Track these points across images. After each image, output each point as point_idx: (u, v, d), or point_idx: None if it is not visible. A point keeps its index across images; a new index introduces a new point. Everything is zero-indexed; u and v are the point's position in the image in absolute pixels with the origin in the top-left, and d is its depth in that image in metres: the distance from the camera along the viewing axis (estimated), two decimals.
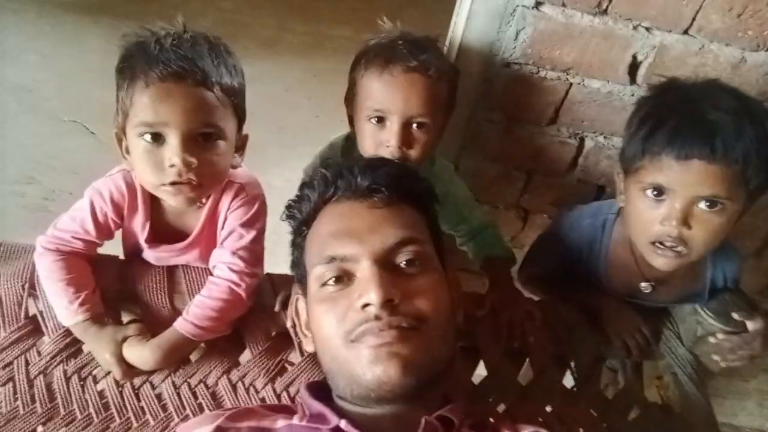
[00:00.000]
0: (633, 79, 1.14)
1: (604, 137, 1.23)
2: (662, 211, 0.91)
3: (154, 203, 0.96)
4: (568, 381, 1.07)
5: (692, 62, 1.10)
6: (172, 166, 0.83)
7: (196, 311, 0.91)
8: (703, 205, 0.89)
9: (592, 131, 1.22)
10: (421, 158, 1.04)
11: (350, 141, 1.17)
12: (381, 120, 1.01)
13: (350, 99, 1.09)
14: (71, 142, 2.45)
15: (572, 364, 1.07)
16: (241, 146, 0.96)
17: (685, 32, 1.07)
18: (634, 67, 1.13)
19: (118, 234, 1.00)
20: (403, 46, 0.98)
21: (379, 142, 1.02)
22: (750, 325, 1.03)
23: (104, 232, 0.96)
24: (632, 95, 1.16)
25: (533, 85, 1.16)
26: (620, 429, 1.02)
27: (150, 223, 0.97)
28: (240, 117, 0.93)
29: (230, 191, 0.97)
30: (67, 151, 2.38)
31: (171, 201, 0.90)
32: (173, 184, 0.85)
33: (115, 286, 0.97)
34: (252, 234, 0.96)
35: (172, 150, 0.83)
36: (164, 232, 0.99)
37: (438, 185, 1.13)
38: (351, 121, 1.12)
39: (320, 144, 1.22)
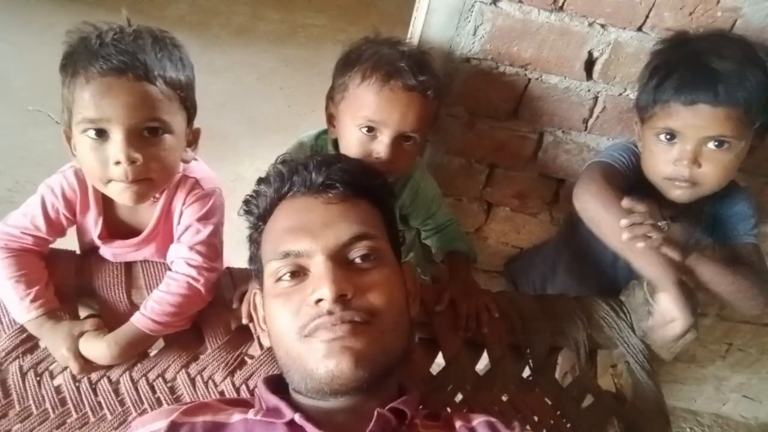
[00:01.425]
0: (589, 75, 1.17)
1: (563, 132, 1.25)
2: (674, 152, 1.00)
3: (106, 199, 0.95)
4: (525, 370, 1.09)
5: (647, 59, 1.12)
6: (117, 162, 0.83)
7: (154, 306, 0.91)
8: (711, 144, 0.97)
9: (550, 126, 1.24)
10: (406, 169, 1.07)
11: (321, 140, 1.18)
12: (372, 130, 1.01)
13: (335, 99, 1.08)
14: (39, 132, 2.41)
15: (528, 353, 1.10)
16: (193, 141, 0.96)
17: (639, 29, 1.10)
18: (590, 63, 1.15)
19: (73, 230, 1.00)
20: (406, 63, 0.98)
21: (368, 151, 1.02)
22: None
23: (56, 229, 0.95)
24: (589, 91, 1.18)
25: (493, 81, 1.18)
26: (574, 416, 1.05)
27: (103, 219, 0.96)
28: (189, 111, 0.92)
29: (185, 186, 0.97)
30: (35, 142, 2.35)
31: (119, 199, 0.89)
32: (120, 182, 0.85)
33: (72, 280, 0.96)
34: (209, 228, 0.96)
35: (116, 146, 0.82)
36: (118, 228, 0.98)
37: (410, 182, 1.16)
38: (330, 119, 1.12)
39: (293, 134, 1.21)
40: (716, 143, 0.97)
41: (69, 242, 1.01)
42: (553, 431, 1.01)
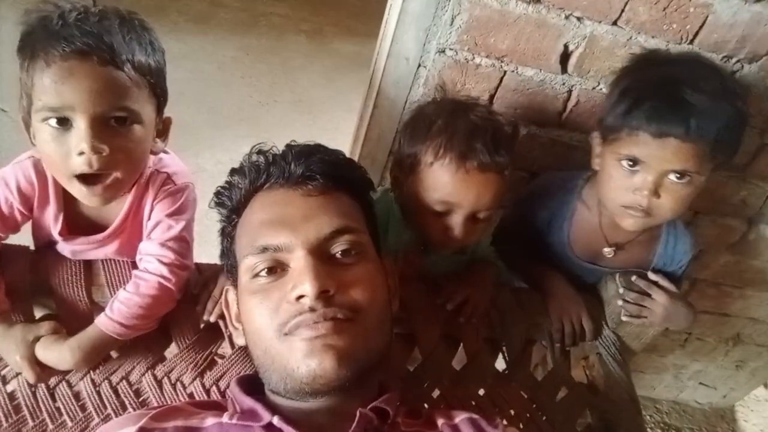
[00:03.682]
0: (564, 68, 1.16)
1: (537, 126, 1.25)
2: (635, 180, 0.98)
3: (66, 194, 0.88)
4: (500, 364, 1.09)
5: (620, 53, 1.13)
6: (81, 153, 0.76)
7: (122, 309, 0.85)
8: (673, 177, 0.96)
9: (525, 119, 1.23)
10: (477, 241, 1.05)
11: (384, 202, 1.11)
12: (445, 208, 0.97)
13: (403, 167, 1.03)
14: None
15: (503, 347, 1.09)
16: (163, 131, 0.90)
17: (615, 23, 1.10)
18: (565, 57, 1.15)
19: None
20: (482, 142, 0.93)
21: (442, 227, 0.99)
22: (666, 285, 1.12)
23: (9, 225, 0.88)
24: (563, 84, 1.18)
25: (468, 72, 1.16)
26: (550, 409, 1.06)
27: (64, 215, 0.89)
28: (160, 99, 0.86)
29: (156, 181, 0.91)
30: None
31: (85, 201, 0.83)
32: (86, 183, 0.79)
33: (26, 278, 0.89)
34: (181, 224, 0.91)
35: (80, 136, 0.76)
36: (79, 224, 0.92)
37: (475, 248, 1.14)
38: (396, 181, 1.07)
39: (255, 125, 1.17)
40: (678, 176, 0.96)
41: (21, 237, 0.94)
42: (529, 424, 1.02)
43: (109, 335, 0.84)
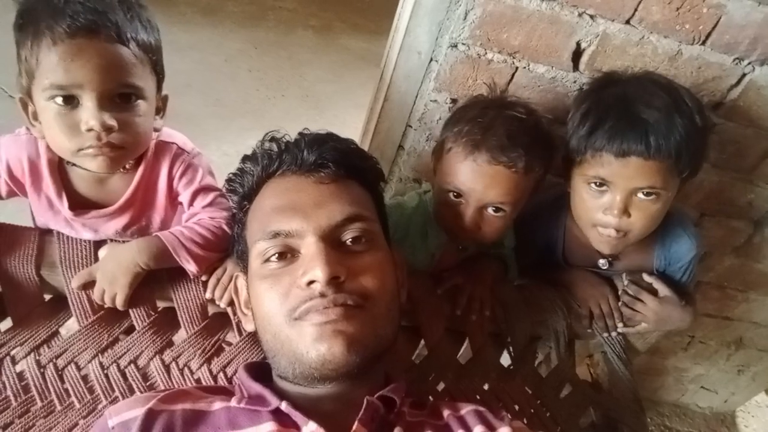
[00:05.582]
0: (576, 66, 1.16)
1: (546, 122, 1.24)
2: (604, 200, 1.00)
3: (63, 176, 0.89)
4: (505, 359, 1.09)
5: (632, 52, 1.13)
6: (89, 130, 0.77)
7: (183, 230, 0.88)
8: (641, 194, 0.97)
9: None
10: (494, 239, 1.04)
11: (423, 202, 1.15)
12: (458, 196, 0.99)
13: (436, 155, 1.07)
14: None
15: (509, 342, 1.10)
16: (161, 107, 0.91)
17: (627, 22, 1.10)
18: (577, 54, 1.15)
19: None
20: (497, 136, 0.94)
21: (455, 215, 1.00)
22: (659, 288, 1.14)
23: None
24: (574, 82, 1.18)
25: (479, 68, 1.16)
26: (554, 405, 1.06)
27: (66, 194, 0.90)
28: (159, 76, 0.88)
29: (167, 153, 0.93)
30: None
31: (90, 166, 0.84)
32: (92, 147, 0.80)
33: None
34: (214, 183, 0.96)
35: (89, 112, 0.77)
36: (81, 202, 0.92)
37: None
38: (434, 172, 1.10)
39: (261, 118, 1.18)
40: (646, 193, 0.97)
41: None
42: (533, 420, 1.02)
43: (165, 244, 0.86)
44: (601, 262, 1.16)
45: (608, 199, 0.99)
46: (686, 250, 1.15)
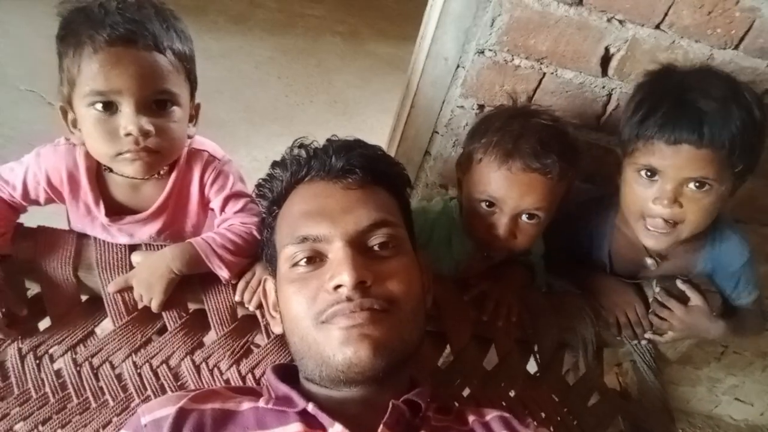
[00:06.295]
0: (605, 71, 1.16)
1: (574, 129, 1.23)
2: (654, 190, 0.98)
3: (101, 182, 0.93)
4: (532, 367, 1.08)
5: (663, 57, 1.11)
6: (128, 134, 0.81)
7: (215, 237, 0.90)
8: (692, 185, 0.95)
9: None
10: (527, 247, 1.05)
11: (447, 208, 1.17)
12: (492, 205, 1.00)
13: (462, 166, 1.07)
14: (29, 112, 2.35)
15: (535, 349, 1.09)
16: (194, 115, 0.94)
17: (657, 27, 1.09)
18: (606, 60, 1.14)
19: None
20: (530, 143, 0.95)
21: (488, 225, 1.00)
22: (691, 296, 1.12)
23: (31, 200, 0.93)
24: (603, 87, 1.17)
25: (506, 74, 1.16)
26: (580, 413, 1.05)
27: (103, 200, 0.93)
28: (192, 84, 0.91)
29: (199, 161, 0.96)
30: (24, 122, 2.29)
31: (127, 170, 0.87)
32: (129, 151, 0.83)
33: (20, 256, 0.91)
34: (245, 190, 0.98)
35: (127, 118, 0.80)
36: (117, 209, 0.96)
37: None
38: (459, 183, 1.11)
39: (290, 124, 1.20)
40: (697, 184, 0.95)
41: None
42: (560, 428, 1.01)
43: (197, 251, 0.89)
44: (649, 261, 1.14)
45: (658, 188, 0.97)
46: (737, 253, 1.13)
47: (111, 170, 0.92)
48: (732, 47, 1.10)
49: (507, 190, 0.96)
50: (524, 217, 0.99)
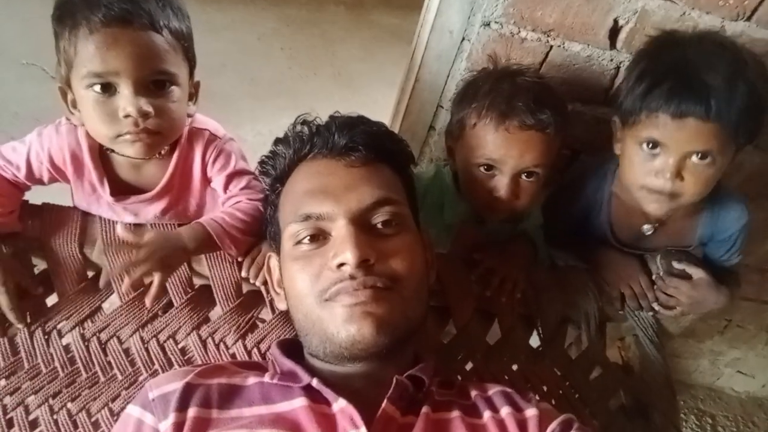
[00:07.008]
0: (613, 44, 1.13)
1: (581, 103, 1.22)
2: (657, 164, 0.97)
3: (105, 161, 0.93)
4: (534, 341, 1.09)
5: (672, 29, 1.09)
6: (127, 116, 0.81)
7: (224, 216, 0.90)
8: (695, 158, 0.95)
9: (570, 96, 1.20)
10: (529, 207, 1.05)
11: (440, 175, 1.16)
12: (490, 168, 0.99)
13: (453, 134, 1.07)
14: (33, 88, 2.34)
15: (538, 324, 1.10)
16: (194, 93, 0.93)
17: None
18: (614, 32, 1.12)
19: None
20: (523, 101, 0.95)
21: (488, 189, 1.00)
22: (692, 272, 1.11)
23: (35, 179, 0.93)
24: (611, 60, 1.15)
25: (513, 46, 1.14)
26: (582, 387, 1.06)
27: (107, 180, 0.93)
28: (191, 62, 0.90)
29: (200, 140, 0.95)
30: (29, 98, 2.28)
31: (128, 152, 0.87)
32: (129, 133, 0.83)
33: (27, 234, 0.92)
34: (248, 167, 0.97)
35: (126, 99, 0.80)
36: (122, 189, 0.96)
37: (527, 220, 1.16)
38: (450, 152, 1.11)
39: (294, 97, 1.19)
40: (700, 156, 0.94)
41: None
42: (562, 401, 1.02)
43: (210, 233, 0.88)
44: (646, 227, 1.13)
45: (661, 162, 0.96)
46: (735, 217, 1.13)
47: (113, 150, 0.91)
48: (744, 19, 1.08)
49: (506, 150, 0.96)
50: (524, 176, 0.99)
